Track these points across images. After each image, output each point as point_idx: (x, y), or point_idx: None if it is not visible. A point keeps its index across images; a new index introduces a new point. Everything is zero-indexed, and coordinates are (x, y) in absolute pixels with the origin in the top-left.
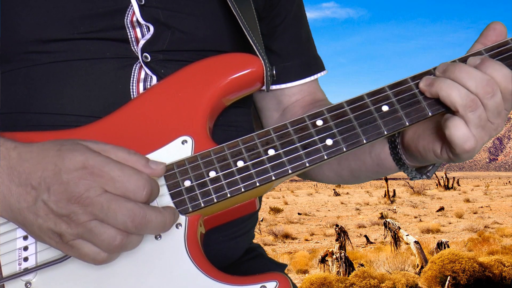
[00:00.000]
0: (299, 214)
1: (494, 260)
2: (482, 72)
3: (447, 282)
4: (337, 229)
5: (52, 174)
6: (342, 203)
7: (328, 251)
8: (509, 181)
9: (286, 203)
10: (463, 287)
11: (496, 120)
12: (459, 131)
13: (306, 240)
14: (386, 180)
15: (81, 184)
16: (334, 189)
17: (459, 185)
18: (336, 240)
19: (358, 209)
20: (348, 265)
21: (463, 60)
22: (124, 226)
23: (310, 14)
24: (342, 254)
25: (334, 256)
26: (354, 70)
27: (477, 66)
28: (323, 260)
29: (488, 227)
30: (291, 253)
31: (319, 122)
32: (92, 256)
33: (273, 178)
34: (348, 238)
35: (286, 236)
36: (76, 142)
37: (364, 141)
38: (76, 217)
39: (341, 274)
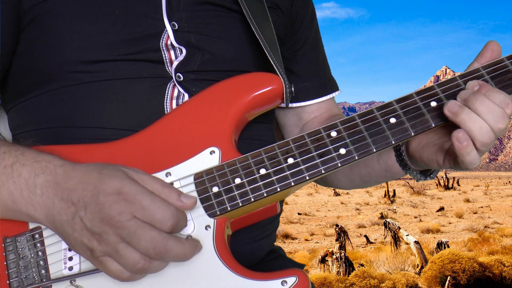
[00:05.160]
0: (299, 214)
1: (494, 260)
2: (498, 107)
3: (447, 282)
4: (337, 229)
5: (91, 194)
6: (342, 203)
7: (328, 251)
8: (509, 181)
9: (286, 203)
10: (463, 287)
11: (496, 138)
12: (470, 157)
13: (306, 240)
14: None
15: (114, 208)
16: (334, 189)
17: (459, 185)
18: (336, 240)
19: (358, 209)
20: (348, 265)
21: (463, 76)
22: (146, 252)
23: None
24: (342, 254)
25: (334, 256)
26: (354, 70)
27: (478, 91)
28: (323, 260)
29: (488, 227)
30: (291, 253)
31: (334, 133)
32: (116, 273)
33: (292, 184)
34: (348, 238)
35: (286, 236)
36: (117, 168)
37: (374, 150)
38: (107, 236)
39: (341, 274)
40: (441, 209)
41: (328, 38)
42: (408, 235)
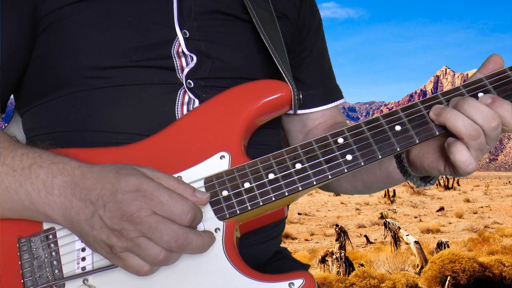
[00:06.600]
0: (299, 214)
1: (494, 260)
2: (488, 107)
3: (447, 282)
4: (337, 229)
5: (109, 193)
6: (342, 203)
7: (328, 251)
8: (509, 181)
9: None
10: (463, 287)
11: (493, 143)
12: (462, 156)
13: (306, 240)
14: None
15: (133, 205)
16: None
17: (459, 185)
18: (336, 240)
19: (358, 209)
20: (348, 265)
21: (466, 85)
22: (168, 245)
23: None
24: (342, 254)
25: (334, 256)
26: (354, 70)
27: (490, 104)
28: (323, 260)
29: (488, 227)
30: (291, 253)
31: (340, 140)
32: (136, 268)
33: (300, 188)
34: (348, 238)
35: (286, 236)
36: (133, 168)
37: (380, 157)
38: (127, 232)
39: (341, 274)
40: (441, 209)
41: (328, 38)
42: (408, 235)
